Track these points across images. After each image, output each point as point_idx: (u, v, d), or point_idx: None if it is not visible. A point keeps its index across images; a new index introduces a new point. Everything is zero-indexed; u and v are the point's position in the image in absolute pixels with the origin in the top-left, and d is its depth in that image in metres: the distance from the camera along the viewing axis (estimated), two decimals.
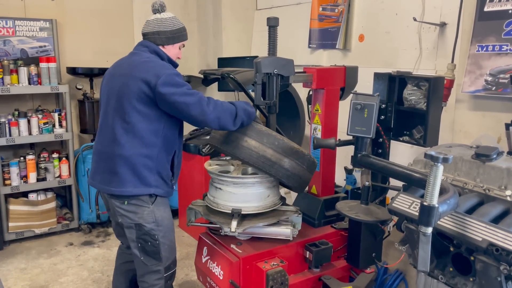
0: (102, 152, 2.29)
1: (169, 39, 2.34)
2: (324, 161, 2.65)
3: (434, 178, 1.32)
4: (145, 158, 2.20)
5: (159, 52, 2.33)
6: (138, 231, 2.25)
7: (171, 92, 2.09)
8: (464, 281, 1.66)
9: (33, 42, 4.13)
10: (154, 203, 2.26)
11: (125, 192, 2.20)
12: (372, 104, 1.92)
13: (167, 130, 2.25)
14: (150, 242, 2.25)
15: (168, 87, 2.10)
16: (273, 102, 2.41)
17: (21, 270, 3.54)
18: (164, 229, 2.30)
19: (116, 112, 2.22)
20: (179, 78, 2.17)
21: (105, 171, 2.26)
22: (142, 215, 2.23)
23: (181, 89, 2.12)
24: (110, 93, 2.29)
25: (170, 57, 2.36)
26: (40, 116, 3.99)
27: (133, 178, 2.20)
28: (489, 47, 2.44)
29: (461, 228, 1.52)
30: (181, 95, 2.11)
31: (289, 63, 2.44)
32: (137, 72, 2.18)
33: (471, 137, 2.50)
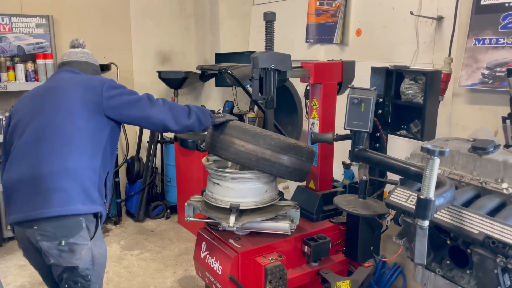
0: (24, 179, 1.90)
1: (94, 72, 2.36)
2: (322, 156, 2.65)
3: (431, 172, 1.32)
4: (90, 171, 1.97)
5: (95, 73, 2.36)
6: (70, 273, 1.92)
7: (119, 93, 2.09)
8: (461, 273, 1.67)
9: (30, 39, 4.12)
10: (93, 238, 1.96)
11: (71, 210, 1.86)
12: (369, 98, 1.92)
13: (107, 147, 2.09)
14: (80, 283, 1.95)
15: (115, 89, 2.10)
16: (271, 97, 2.41)
17: (21, 266, 3.54)
18: (98, 268, 2.02)
19: (52, 126, 1.96)
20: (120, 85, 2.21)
21: (37, 195, 1.86)
22: (80, 255, 1.90)
23: (127, 90, 2.15)
24: (37, 111, 2.02)
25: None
26: None
27: (81, 193, 1.90)
28: (486, 40, 2.44)
29: (458, 221, 1.53)
30: (130, 94, 2.13)
31: (286, 57, 2.44)
32: (79, 82, 2.12)
33: (468, 130, 2.51)
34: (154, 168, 4.57)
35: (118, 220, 4.41)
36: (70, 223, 1.87)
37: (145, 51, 4.80)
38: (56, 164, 1.88)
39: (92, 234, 1.95)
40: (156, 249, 3.88)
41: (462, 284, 1.67)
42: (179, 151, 4.21)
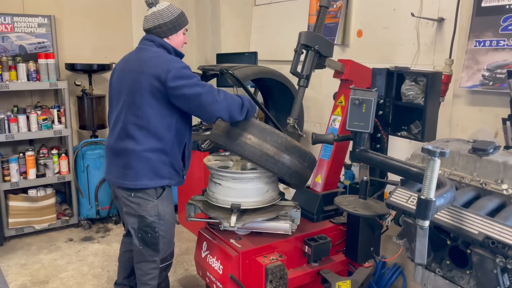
0: (115, 148, 2.34)
1: (171, 30, 2.36)
2: (336, 151, 2.70)
3: (431, 172, 1.33)
4: (159, 153, 2.27)
5: (165, 45, 2.35)
6: (140, 222, 2.32)
7: (182, 85, 2.14)
8: (461, 273, 1.68)
9: (32, 38, 4.13)
10: (160, 197, 2.33)
11: (140, 185, 2.27)
12: (370, 99, 1.93)
13: (179, 125, 2.31)
14: (150, 233, 2.32)
15: (179, 80, 2.15)
16: (307, 76, 2.45)
17: (22, 265, 3.56)
18: (165, 223, 2.37)
19: (129, 108, 2.27)
20: (188, 70, 2.21)
21: (119, 166, 2.32)
22: (146, 208, 2.30)
23: (191, 81, 2.16)
24: (121, 89, 2.33)
25: (175, 47, 2.39)
26: (39, 112, 3.99)
27: (149, 172, 2.27)
28: (487, 42, 2.45)
29: (457, 221, 1.54)
30: (192, 86, 2.15)
31: (330, 45, 2.54)
32: (147, 68, 2.21)
33: (469, 132, 2.52)
34: None
35: (119, 219, 4.42)
36: None
37: None
38: (131, 146, 2.26)
39: (159, 195, 2.33)
40: None
41: (462, 284, 1.68)
42: None
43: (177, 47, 2.41)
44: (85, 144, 4.25)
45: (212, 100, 2.15)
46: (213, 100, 2.15)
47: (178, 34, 2.39)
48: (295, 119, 2.47)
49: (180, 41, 2.42)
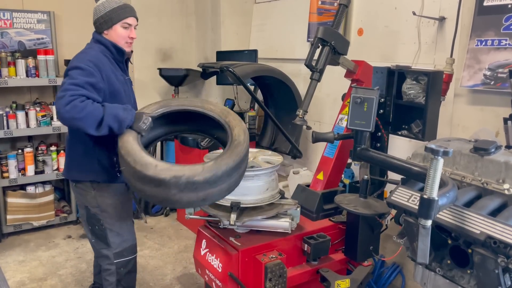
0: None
1: (103, 25, 2.32)
2: (341, 149, 2.70)
3: (434, 171, 1.33)
4: (84, 147, 2.32)
5: (100, 39, 2.33)
6: (87, 213, 2.42)
7: (64, 81, 2.10)
8: (461, 273, 1.68)
9: (31, 34, 4.11)
10: (97, 190, 2.37)
11: (71, 176, 2.42)
12: (372, 98, 1.92)
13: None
14: (97, 226, 2.41)
15: (65, 78, 2.13)
16: (320, 70, 2.45)
17: (20, 262, 3.54)
18: (110, 216, 2.41)
19: None
20: (80, 69, 2.11)
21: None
22: (86, 198, 2.39)
23: (66, 81, 2.08)
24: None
25: (114, 42, 2.32)
26: (38, 109, 3.97)
27: (76, 165, 2.37)
28: (488, 41, 2.45)
29: (459, 221, 1.53)
30: (61, 87, 2.08)
31: (347, 44, 2.55)
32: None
33: (469, 131, 2.51)
34: None
35: None
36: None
37: (146, 48, 4.79)
38: (68, 137, 2.43)
39: (95, 187, 2.37)
40: (156, 246, 3.88)
41: (462, 284, 1.68)
42: (179, 148, 4.21)
43: (116, 42, 2.33)
44: None
45: (58, 108, 2.02)
46: (57, 109, 2.03)
47: (114, 29, 2.31)
48: (305, 111, 2.45)
49: (119, 35, 2.33)
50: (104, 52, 2.30)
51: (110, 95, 2.24)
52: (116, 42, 2.33)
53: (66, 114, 1.98)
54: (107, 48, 2.32)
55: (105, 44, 2.32)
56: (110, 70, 2.26)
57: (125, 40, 2.35)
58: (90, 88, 2.08)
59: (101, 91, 2.16)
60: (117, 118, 2.06)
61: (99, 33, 2.35)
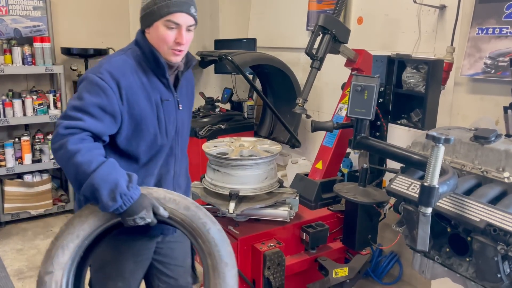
0: None
1: (143, 19, 1.64)
2: (340, 138, 2.70)
3: (435, 159, 1.32)
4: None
5: (139, 40, 1.66)
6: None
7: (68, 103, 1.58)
8: (460, 261, 1.68)
9: (27, 22, 4.06)
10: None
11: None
12: (373, 86, 1.91)
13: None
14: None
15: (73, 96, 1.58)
16: (320, 58, 2.44)
17: (18, 251, 3.54)
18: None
19: None
20: (89, 83, 1.52)
21: None
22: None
23: (70, 100, 1.56)
24: None
25: (153, 46, 1.61)
26: (34, 97, 3.94)
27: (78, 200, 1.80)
28: (489, 29, 2.43)
29: (459, 209, 1.53)
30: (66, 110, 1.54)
31: (347, 32, 2.53)
32: None
33: (469, 120, 2.51)
34: None
35: None
36: None
37: None
38: None
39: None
40: None
41: (461, 271, 1.68)
42: None
43: (157, 46, 1.61)
44: None
45: (51, 142, 1.51)
46: (51, 143, 1.51)
47: (156, 28, 1.58)
48: (305, 100, 2.43)
49: (160, 38, 1.59)
50: (140, 59, 1.63)
51: (131, 123, 1.59)
52: (157, 48, 1.61)
53: (54, 154, 1.50)
54: (145, 55, 1.63)
55: (143, 48, 1.64)
56: (138, 86, 1.59)
57: (168, 46, 1.59)
58: (98, 112, 1.50)
59: (116, 117, 1.54)
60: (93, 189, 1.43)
61: (142, 31, 1.66)
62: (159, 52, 1.61)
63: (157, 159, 1.71)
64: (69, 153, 1.43)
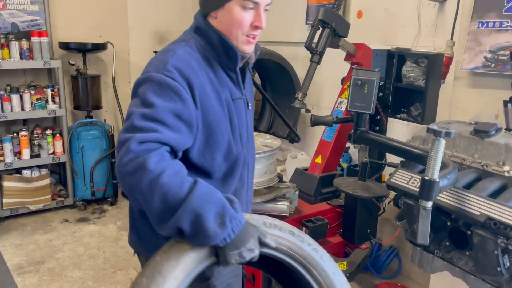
0: None
1: (207, 2, 1.34)
2: (340, 132, 2.68)
3: (436, 153, 1.32)
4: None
5: (203, 27, 1.36)
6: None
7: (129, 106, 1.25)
8: (459, 255, 1.68)
9: (24, 16, 4.03)
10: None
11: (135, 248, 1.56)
12: (373, 80, 1.90)
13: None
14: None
15: (132, 97, 1.28)
16: (320, 52, 2.42)
17: (17, 246, 3.54)
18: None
19: None
20: (156, 84, 1.21)
21: None
22: None
23: (132, 108, 1.21)
24: None
25: (223, 34, 1.33)
26: (32, 92, 3.92)
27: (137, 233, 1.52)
28: (490, 23, 2.42)
29: (459, 203, 1.53)
30: (128, 117, 1.21)
31: (347, 26, 2.51)
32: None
33: (469, 114, 2.50)
34: None
35: (114, 200, 4.40)
36: None
37: (142, 30, 4.72)
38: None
39: None
40: None
41: (460, 265, 1.69)
42: None
43: (228, 34, 1.32)
44: (80, 124, 4.19)
45: (117, 161, 1.15)
46: (117, 162, 1.15)
47: (228, 9, 1.29)
48: (304, 94, 2.42)
49: (235, 22, 1.30)
50: (205, 50, 1.34)
51: (205, 131, 1.31)
52: (228, 35, 1.33)
53: (125, 178, 1.13)
54: (211, 45, 1.34)
55: (208, 36, 1.34)
56: (208, 84, 1.31)
57: (243, 31, 1.32)
58: (174, 121, 1.19)
59: (192, 125, 1.25)
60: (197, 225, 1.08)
61: (204, 16, 1.36)
62: (230, 40, 1.32)
63: (234, 172, 1.42)
64: (152, 174, 1.08)
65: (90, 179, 4.24)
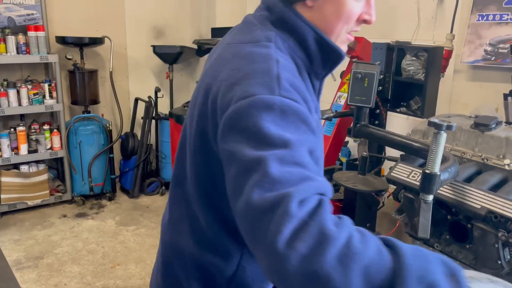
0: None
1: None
2: (338, 129, 2.69)
3: (437, 146, 1.31)
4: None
5: (289, 19, 0.97)
6: None
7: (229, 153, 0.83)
8: (460, 248, 1.68)
9: (21, 10, 3.99)
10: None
11: None
12: (373, 73, 1.89)
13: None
14: None
15: (230, 132, 0.83)
16: None
17: (15, 241, 3.53)
18: None
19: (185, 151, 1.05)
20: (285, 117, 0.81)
21: None
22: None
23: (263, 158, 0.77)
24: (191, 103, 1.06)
25: (324, 31, 0.97)
26: (29, 87, 3.90)
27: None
28: (490, 16, 2.41)
29: (460, 196, 1.53)
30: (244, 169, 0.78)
31: None
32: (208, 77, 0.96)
33: (469, 108, 2.50)
34: (149, 145, 4.53)
35: (112, 196, 4.39)
36: None
37: (139, 25, 4.68)
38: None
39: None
40: (152, 225, 3.88)
41: (460, 259, 1.69)
42: (175, 127, 4.17)
43: (327, 28, 0.97)
44: (78, 119, 4.17)
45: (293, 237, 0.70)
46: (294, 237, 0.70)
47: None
48: None
49: (341, 13, 0.97)
50: (293, 53, 0.96)
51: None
52: (327, 31, 0.97)
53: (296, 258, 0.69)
54: (301, 44, 0.97)
55: (298, 32, 0.96)
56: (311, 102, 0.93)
57: (348, 27, 1.00)
58: (311, 161, 0.82)
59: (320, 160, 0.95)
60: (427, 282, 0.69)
61: (290, 2, 0.98)
62: (330, 38, 0.97)
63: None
64: (338, 244, 0.69)
65: (88, 174, 4.22)
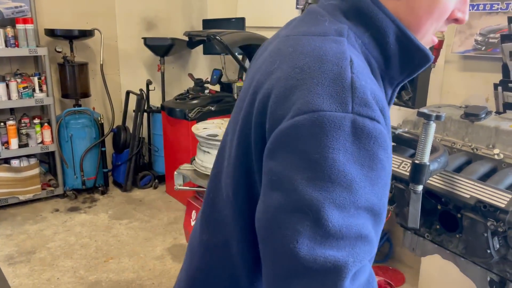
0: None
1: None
2: None
3: (426, 136, 1.31)
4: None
5: (367, 10, 0.72)
6: None
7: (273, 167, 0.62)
8: (450, 238, 1.69)
9: (8, 2, 3.93)
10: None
11: None
12: None
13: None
14: None
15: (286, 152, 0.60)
16: None
17: (7, 236, 3.51)
18: None
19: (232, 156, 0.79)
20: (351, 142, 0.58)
21: None
22: None
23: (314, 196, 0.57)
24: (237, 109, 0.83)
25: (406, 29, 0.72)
26: (19, 80, 3.85)
27: None
28: (480, 6, 2.41)
29: (449, 186, 1.53)
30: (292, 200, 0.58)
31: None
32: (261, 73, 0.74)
33: (459, 98, 2.50)
34: (141, 138, 4.50)
35: (105, 189, 4.38)
36: None
37: (130, 16, 4.63)
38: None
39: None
40: (145, 218, 3.87)
41: (450, 248, 1.70)
42: (167, 120, 4.15)
43: (414, 25, 0.74)
44: (68, 113, 4.14)
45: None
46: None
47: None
48: None
49: (435, 8, 0.72)
50: (367, 51, 0.72)
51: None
52: (414, 28, 0.74)
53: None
54: (379, 41, 0.72)
55: (377, 27, 0.71)
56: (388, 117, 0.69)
57: (438, 25, 0.76)
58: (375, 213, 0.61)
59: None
60: None
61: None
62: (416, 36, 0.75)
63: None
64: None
65: (80, 168, 4.20)
